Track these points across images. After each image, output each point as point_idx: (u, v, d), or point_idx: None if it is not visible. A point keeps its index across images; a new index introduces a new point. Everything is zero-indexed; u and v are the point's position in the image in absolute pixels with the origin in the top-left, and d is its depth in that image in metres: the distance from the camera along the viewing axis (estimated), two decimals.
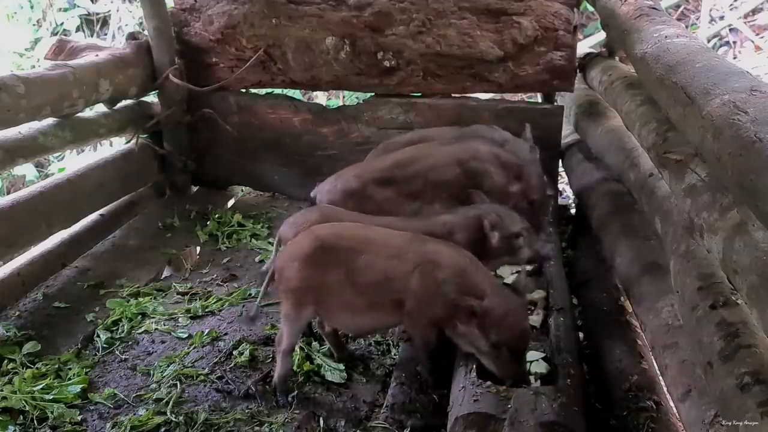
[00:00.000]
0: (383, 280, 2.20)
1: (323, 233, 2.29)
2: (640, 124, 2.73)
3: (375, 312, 2.27)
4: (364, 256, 2.21)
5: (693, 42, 2.41)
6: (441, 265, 2.17)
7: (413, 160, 2.89)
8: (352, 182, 2.83)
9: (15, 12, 6.58)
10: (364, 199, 2.77)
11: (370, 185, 2.81)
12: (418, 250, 2.21)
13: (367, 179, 2.83)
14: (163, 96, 3.97)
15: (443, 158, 2.88)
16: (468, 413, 1.96)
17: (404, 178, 2.83)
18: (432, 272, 2.16)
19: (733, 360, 1.63)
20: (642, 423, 2.03)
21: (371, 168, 2.94)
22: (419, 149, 3.01)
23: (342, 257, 2.21)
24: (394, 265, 2.20)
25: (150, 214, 3.87)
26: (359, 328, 2.42)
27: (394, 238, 2.29)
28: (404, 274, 2.18)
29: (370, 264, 2.20)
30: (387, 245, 2.25)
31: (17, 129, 3.09)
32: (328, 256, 2.22)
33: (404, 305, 2.21)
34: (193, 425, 2.19)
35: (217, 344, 2.63)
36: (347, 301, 2.23)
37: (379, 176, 2.84)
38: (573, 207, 3.98)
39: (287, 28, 3.77)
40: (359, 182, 2.82)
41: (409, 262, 2.19)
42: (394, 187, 2.82)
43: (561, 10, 3.60)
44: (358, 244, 2.25)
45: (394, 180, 2.83)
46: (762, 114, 1.63)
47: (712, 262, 1.98)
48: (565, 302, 2.59)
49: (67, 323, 2.83)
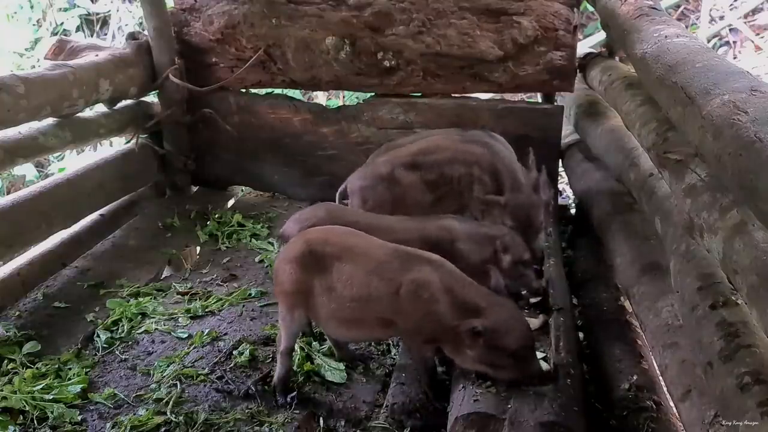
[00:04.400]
0: (365, 297, 2.11)
1: (313, 237, 2.25)
2: (640, 124, 2.73)
3: (362, 326, 2.20)
4: (346, 267, 2.13)
5: (693, 42, 2.41)
6: (426, 285, 2.05)
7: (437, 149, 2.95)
8: (381, 167, 2.91)
9: (15, 12, 6.57)
10: (392, 184, 2.85)
11: (398, 169, 2.88)
12: (400, 269, 2.09)
13: (396, 163, 2.90)
14: (163, 96, 3.97)
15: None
16: (468, 413, 1.96)
17: (426, 164, 2.89)
18: (417, 293, 2.05)
19: (733, 360, 1.63)
20: (642, 423, 2.03)
21: (399, 154, 3.01)
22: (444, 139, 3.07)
23: (326, 264, 2.15)
24: (375, 282, 2.09)
25: (150, 214, 3.87)
26: (348, 337, 2.40)
27: (377, 250, 2.17)
28: (387, 294, 2.08)
29: (351, 277, 2.12)
30: (369, 258, 2.14)
31: (17, 129, 3.08)
32: (315, 261, 2.17)
33: (393, 323, 2.13)
34: (193, 425, 2.19)
35: (217, 344, 2.63)
36: (333, 309, 2.17)
37: (406, 161, 2.91)
38: (573, 207, 3.98)
39: (287, 28, 3.77)
40: (389, 167, 2.89)
41: (390, 282, 2.08)
42: (418, 173, 2.88)
43: (561, 10, 3.60)
44: (342, 252, 2.16)
45: (418, 166, 2.89)
46: (762, 114, 1.63)
47: (712, 262, 1.98)
48: (565, 302, 2.59)
49: (67, 323, 2.83)
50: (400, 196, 2.83)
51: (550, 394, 1.96)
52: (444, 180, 2.88)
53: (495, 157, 2.88)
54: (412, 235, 2.40)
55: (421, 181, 2.88)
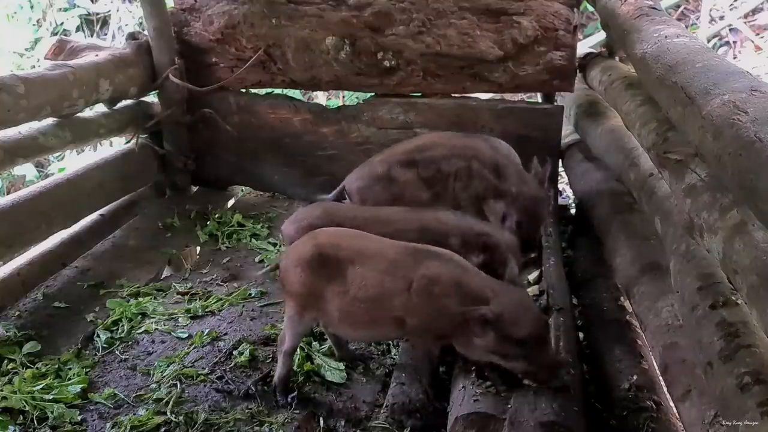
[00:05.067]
0: (379, 296, 2.12)
1: (324, 240, 2.25)
2: (640, 124, 2.73)
3: (376, 326, 2.21)
4: (359, 269, 2.13)
5: (693, 42, 2.41)
6: (437, 280, 2.07)
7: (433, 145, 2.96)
8: (377, 167, 2.93)
9: (15, 12, 6.57)
10: (390, 182, 2.86)
11: (395, 167, 2.89)
12: (412, 266, 2.11)
13: (392, 162, 2.91)
14: (163, 96, 3.97)
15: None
16: (468, 413, 1.96)
17: (422, 161, 2.90)
18: (428, 288, 2.07)
19: (733, 360, 1.63)
20: (642, 423, 2.03)
21: (395, 152, 3.02)
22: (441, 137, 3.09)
23: (340, 268, 2.16)
24: (388, 281, 2.11)
25: (150, 214, 3.87)
26: (361, 338, 2.41)
27: (389, 249, 2.19)
28: (400, 292, 2.10)
29: (365, 278, 2.13)
30: (381, 258, 2.16)
31: (17, 129, 3.08)
32: (327, 264, 2.17)
33: (405, 322, 2.14)
34: (193, 425, 2.18)
35: (217, 344, 2.63)
36: (347, 312, 2.17)
37: (402, 159, 2.92)
38: (573, 207, 3.98)
39: (287, 28, 3.77)
40: (385, 166, 2.91)
41: (402, 279, 2.10)
42: (416, 170, 2.89)
43: (561, 10, 3.60)
44: (354, 255, 2.17)
45: (414, 163, 2.90)
46: (762, 114, 1.63)
47: (712, 262, 1.98)
48: (565, 302, 2.60)
49: (67, 323, 2.83)
50: (398, 194, 2.83)
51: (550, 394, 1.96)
52: (441, 176, 2.88)
53: (495, 151, 2.89)
54: (412, 225, 2.41)
55: (418, 178, 2.88)
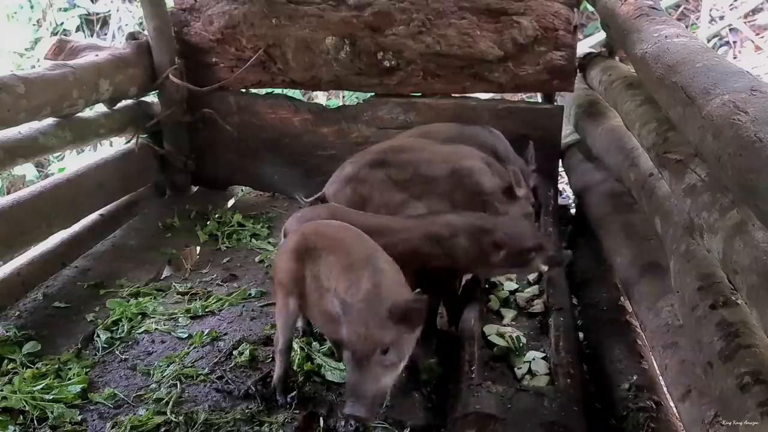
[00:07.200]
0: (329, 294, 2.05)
1: (308, 229, 2.28)
2: (640, 124, 2.73)
3: (332, 323, 2.05)
4: (330, 258, 2.11)
5: (693, 42, 2.41)
6: (383, 295, 1.92)
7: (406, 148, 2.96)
8: (347, 167, 2.93)
9: (15, 12, 6.57)
10: (359, 183, 2.85)
11: (364, 168, 2.88)
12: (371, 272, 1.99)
13: (362, 163, 2.91)
14: (163, 96, 3.97)
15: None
16: (468, 413, 1.96)
17: (396, 162, 2.89)
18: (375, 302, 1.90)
19: (733, 360, 1.63)
20: (642, 423, 2.03)
21: (366, 152, 3.02)
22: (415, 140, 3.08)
23: (316, 254, 2.16)
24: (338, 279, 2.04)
25: (150, 214, 3.87)
26: (326, 332, 2.38)
27: (359, 247, 2.14)
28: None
29: (331, 269, 2.09)
30: (347, 254, 2.10)
31: (17, 129, 3.08)
32: (306, 252, 2.18)
33: None
34: (193, 425, 2.18)
35: (217, 344, 2.63)
36: (316, 299, 2.14)
37: (371, 159, 2.92)
38: (573, 207, 3.98)
39: (287, 28, 3.77)
40: (355, 167, 2.91)
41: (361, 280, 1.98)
42: (386, 170, 2.87)
43: (561, 10, 3.60)
44: (329, 244, 2.16)
45: (386, 163, 2.89)
46: (762, 114, 1.63)
47: (712, 262, 1.98)
48: (565, 302, 2.60)
49: (67, 323, 2.83)
50: (367, 195, 2.79)
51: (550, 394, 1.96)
52: (420, 179, 2.85)
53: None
54: (416, 233, 2.41)
55: (388, 179, 2.85)
